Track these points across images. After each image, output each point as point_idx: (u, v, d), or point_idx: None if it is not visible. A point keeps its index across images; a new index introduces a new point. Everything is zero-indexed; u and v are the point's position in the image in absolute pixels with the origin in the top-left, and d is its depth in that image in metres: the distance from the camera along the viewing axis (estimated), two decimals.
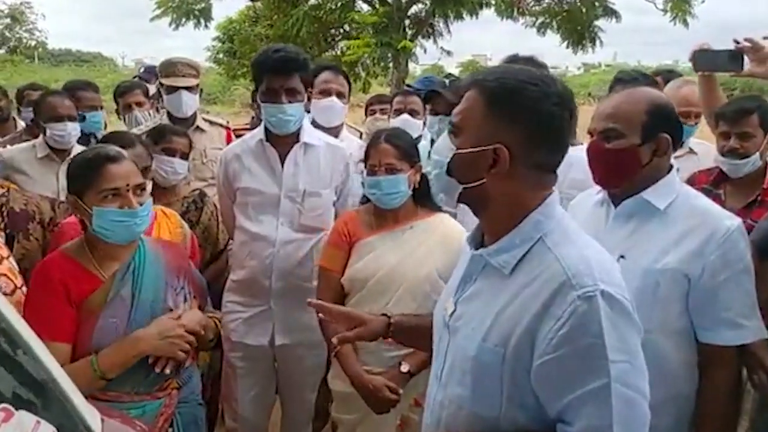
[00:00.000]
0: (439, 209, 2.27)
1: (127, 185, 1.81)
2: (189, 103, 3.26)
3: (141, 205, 1.83)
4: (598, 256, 1.17)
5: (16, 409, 1.01)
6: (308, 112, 2.77)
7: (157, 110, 3.94)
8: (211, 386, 2.64)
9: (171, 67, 3.29)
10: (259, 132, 2.53)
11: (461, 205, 1.29)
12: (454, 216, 2.30)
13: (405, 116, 3.32)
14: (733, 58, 2.02)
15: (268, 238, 2.45)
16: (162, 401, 1.86)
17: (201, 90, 3.44)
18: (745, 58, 2.03)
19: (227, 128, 3.55)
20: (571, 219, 1.25)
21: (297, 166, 2.47)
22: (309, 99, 2.51)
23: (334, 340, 1.57)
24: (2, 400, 0.98)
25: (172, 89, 3.24)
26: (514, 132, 1.14)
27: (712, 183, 2.50)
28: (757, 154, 2.39)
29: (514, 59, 2.68)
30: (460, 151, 1.19)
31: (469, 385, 1.20)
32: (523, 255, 1.17)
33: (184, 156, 2.79)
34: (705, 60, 2.11)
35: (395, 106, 3.52)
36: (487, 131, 1.15)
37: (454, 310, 1.28)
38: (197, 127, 3.34)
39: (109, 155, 1.83)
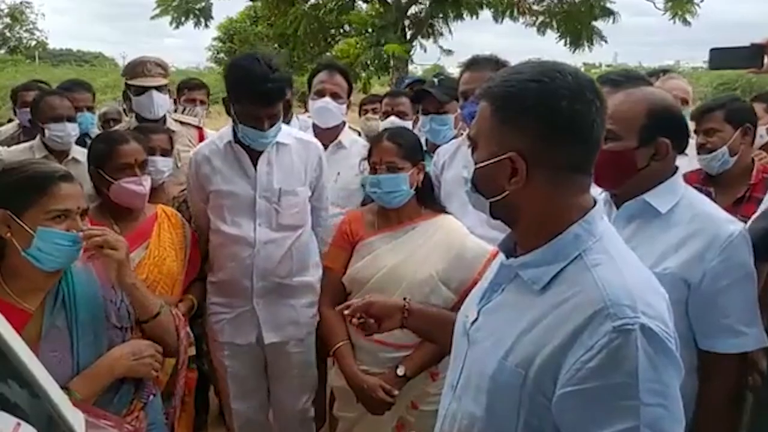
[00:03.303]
0: (443, 210, 2.25)
1: (78, 208, 1.69)
2: (160, 103, 3.14)
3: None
4: (643, 284, 1.07)
5: None
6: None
7: (125, 113, 3.87)
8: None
9: (139, 67, 3.18)
10: (227, 134, 2.47)
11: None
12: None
13: (392, 118, 3.31)
14: (753, 54, 2.00)
15: (246, 239, 2.41)
16: (133, 424, 1.74)
17: (169, 90, 3.34)
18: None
19: (199, 128, 3.46)
20: (617, 236, 1.16)
21: (270, 166, 2.43)
22: (290, 106, 2.46)
23: (346, 312, 1.59)
24: None
25: (142, 90, 3.12)
26: (524, 136, 1.06)
27: (701, 181, 2.54)
28: (725, 147, 2.48)
29: (475, 61, 2.67)
30: (478, 165, 1.13)
31: (483, 404, 1.13)
32: (558, 272, 1.08)
33: (165, 153, 2.74)
34: (721, 57, 2.09)
35: (383, 108, 3.51)
36: (498, 141, 1.09)
37: (476, 319, 1.20)
38: (167, 129, 3.21)
39: (62, 173, 1.69)
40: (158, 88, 3.16)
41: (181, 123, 3.39)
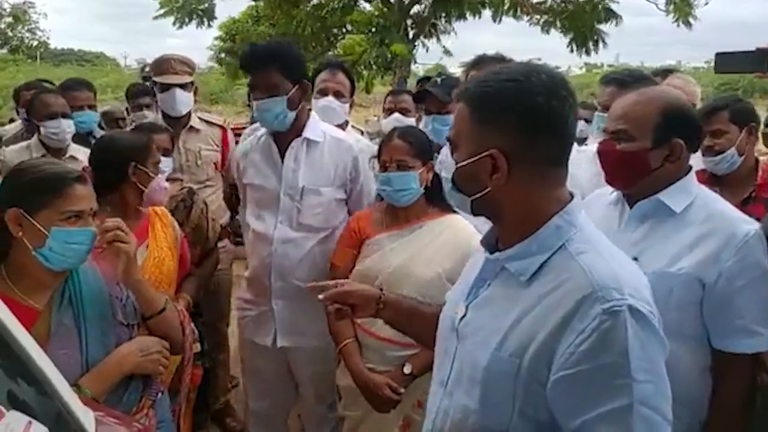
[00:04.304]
0: (451, 209, 2.22)
1: (90, 209, 1.70)
2: (183, 101, 3.15)
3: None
4: (626, 268, 1.12)
5: (9, 408, 0.99)
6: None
7: (143, 108, 3.87)
8: None
9: (164, 64, 3.18)
10: None
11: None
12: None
13: (396, 115, 3.33)
14: (758, 59, 2.01)
15: (266, 236, 2.40)
16: (143, 422, 1.74)
17: (196, 88, 3.33)
18: None
19: (223, 128, 3.45)
20: (594, 227, 1.20)
21: (297, 162, 2.39)
22: (304, 93, 2.39)
23: (320, 296, 1.51)
24: None
25: (166, 87, 3.14)
26: (504, 134, 1.11)
27: (706, 182, 2.50)
28: (733, 149, 2.44)
29: (481, 60, 2.67)
30: (459, 164, 1.17)
31: (477, 396, 1.15)
32: (544, 262, 1.12)
33: (166, 152, 2.74)
34: (727, 61, 2.10)
35: (387, 105, 3.55)
36: (478, 140, 1.13)
37: (465, 315, 1.23)
38: (191, 127, 3.24)
39: (76, 174, 1.70)
40: (182, 86, 3.16)
41: (207, 122, 3.38)
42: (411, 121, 3.31)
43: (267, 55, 2.30)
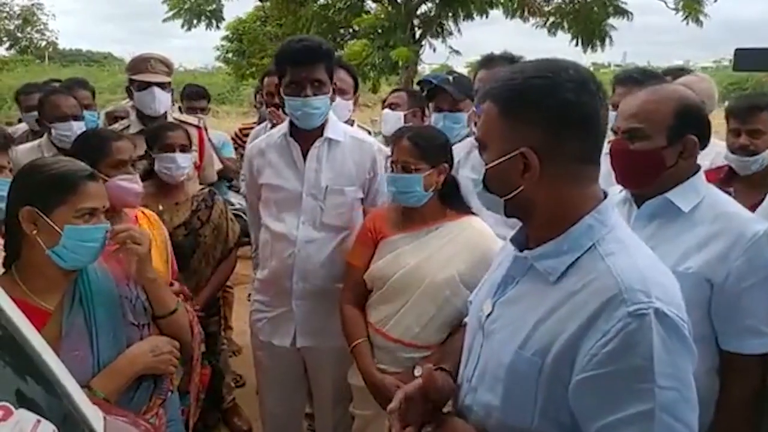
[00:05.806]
0: (469, 211, 2.20)
1: (103, 207, 1.70)
2: (161, 100, 3.15)
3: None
4: (656, 271, 1.09)
5: (18, 407, 0.99)
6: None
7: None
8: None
9: (143, 63, 3.17)
10: (284, 126, 2.43)
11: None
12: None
13: (386, 111, 3.37)
14: None
15: (288, 237, 2.35)
16: (152, 422, 1.73)
17: (173, 90, 3.33)
18: None
19: (199, 127, 3.46)
20: (627, 227, 1.18)
21: (319, 163, 2.35)
22: (335, 92, 2.38)
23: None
24: (3, 398, 0.96)
25: (144, 85, 3.13)
26: (535, 131, 1.08)
27: (721, 181, 2.45)
28: (767, 151, 2.38)
29: (490, 59, 2.64)
30: (489, 165, 1.14)
31: (500, 393, 1.14)
32: (573, 262, 1.10)
33: (184, 149, 2.74)
34: (747, 59, 2.06)
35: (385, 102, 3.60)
36: (508, 138, 1.10)
37: (491, 312, 1.22)
38: (181, 125, 3.17)
39: (89, 172, 1.70)
40: (161, 85, 3.14)
41: (182, 123, 3.34)
42: (400, 115, 3.32)
43: (319, 50, 2.26)
